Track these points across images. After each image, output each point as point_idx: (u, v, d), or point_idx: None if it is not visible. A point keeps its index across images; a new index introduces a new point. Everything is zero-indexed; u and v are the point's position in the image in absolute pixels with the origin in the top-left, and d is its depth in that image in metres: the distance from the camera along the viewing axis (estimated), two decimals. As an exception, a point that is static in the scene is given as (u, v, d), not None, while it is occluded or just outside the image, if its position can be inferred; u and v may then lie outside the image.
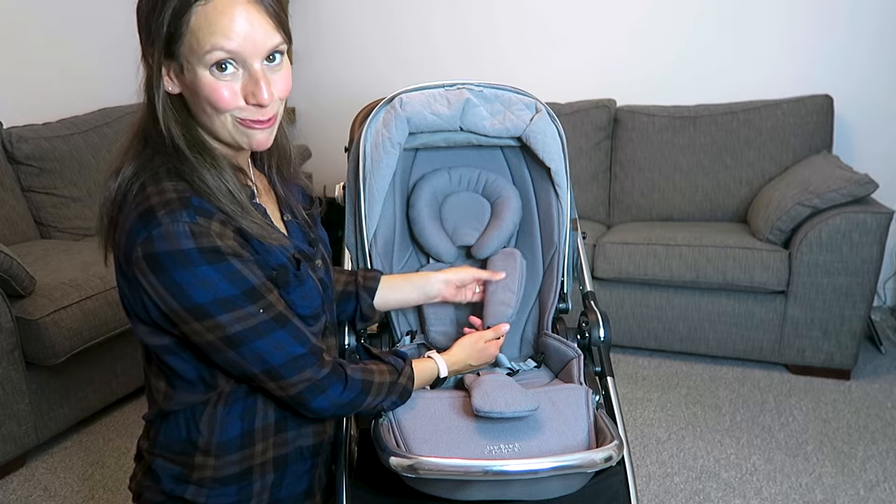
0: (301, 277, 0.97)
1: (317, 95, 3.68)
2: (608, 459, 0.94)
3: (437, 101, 1.38)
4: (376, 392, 1.02)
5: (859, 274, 2.31)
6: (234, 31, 0.83)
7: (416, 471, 0.92)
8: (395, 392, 1.05)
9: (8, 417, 1.97)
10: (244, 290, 0.87)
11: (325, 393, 0.96)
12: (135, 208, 0.87)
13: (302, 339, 0.94)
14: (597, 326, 1.30)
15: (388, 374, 1.05)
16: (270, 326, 0.90)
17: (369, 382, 1.01)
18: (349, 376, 0.98)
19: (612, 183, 3.07)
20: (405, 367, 1.08)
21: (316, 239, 1.10)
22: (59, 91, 2.96)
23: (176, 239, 0.83)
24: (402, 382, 1.06)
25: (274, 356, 0.91)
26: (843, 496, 1.83)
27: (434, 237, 1.46)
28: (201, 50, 0.83)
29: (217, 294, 0.85)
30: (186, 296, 0.85)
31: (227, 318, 0.87)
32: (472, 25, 3.40)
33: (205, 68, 0.85)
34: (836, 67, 2.87)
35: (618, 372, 2.53)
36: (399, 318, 1.41)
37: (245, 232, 0.91)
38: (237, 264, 0.87)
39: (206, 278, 0.85)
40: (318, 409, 0.96)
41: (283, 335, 0.92)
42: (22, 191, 2.69)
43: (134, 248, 0.85)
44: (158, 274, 0.85)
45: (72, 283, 2.12)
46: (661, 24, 3.08)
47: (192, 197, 0.87)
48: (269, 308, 0.90)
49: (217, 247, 0.85)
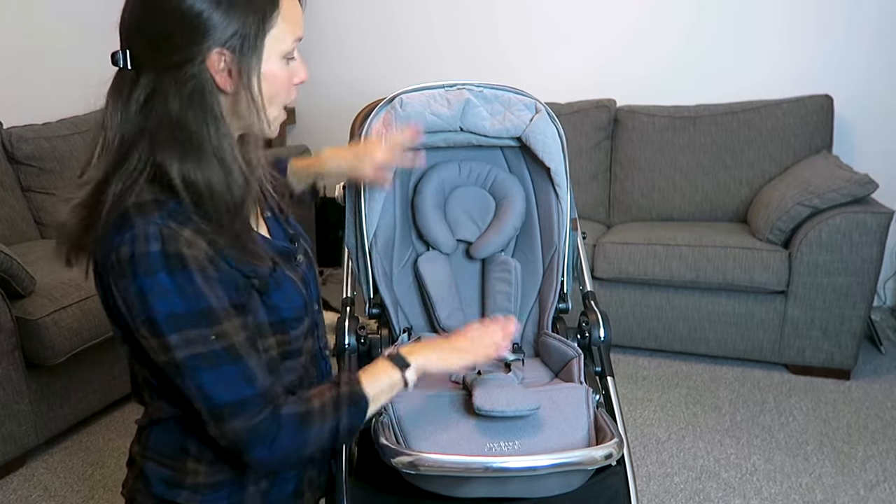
0: (278, 279, 0.94)
1: (317, 95, 3.68)
2: (608, 457, 0.94)
3: (437, 101, 1.38)
4: (321, 416, 0.89)
5: (859, 274, 2.31)
6: (301, 20, 0.91)
7: (416, 467, 0.92)
8: (344, 403, 0.91)
9: (8, 417, 1.97)
10: (200, 309, 0.81)
11: (264, 441, 0.85)
12: (110, 213, 0.83)
13: (252, 379, 0.85)
14: (597, 326, 1.31)
15: (328, 391, 0.92)
16: (220, 358, 0.82)
17: (307, 413, 0.88)
18: (283, 415, 0.86)
19: (612, 183, 3.07)
20: (343, 375, 0.95)
21: (296, 234, 1.08)
22: (59, 91, 2.96)
23: (145, 241, 0.80)
24: (344, 391, 0.92)
25: (218, 393, 0.83)
26: (843, 496, 1.83)
27: (435, 226, 1.46)
28: (287, 40, 0.88)
29: (172, 308, 0.80)
30: (147, 306, 0.80)
31: (176, 339, 0.81)
32: (472, 25, 3.40)
33: (282, 59, 0.88)
34: (836, 67, 2.88)
35: (618, 372, 2.53)
36: (398, 316, 1.42)
37: (217, 244, 0.85)
38: (198, 278, 0.81)
39: (164, 287, 0.80)
40: (258, 459, 0.86)
41: (233, 371, 0.83)
42: (22, 191, 2.69)
43: (109, 256, 0.82)
44: (126, 280, 0.81)
45: (72, 283, 2.12)
46: (660, 24, 3.09)
47: (170, 201, 0.84)
48: (224, 337, 0.83)
49: (182, 254, 0.81)
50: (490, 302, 1.42)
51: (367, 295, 1.40)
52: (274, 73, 0.88)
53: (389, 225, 1.44)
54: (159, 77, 0.83)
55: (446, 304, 1.40)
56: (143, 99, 0.84)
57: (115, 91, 0.86)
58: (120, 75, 0.86)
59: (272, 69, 0.87)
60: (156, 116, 0.83)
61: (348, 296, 1.41)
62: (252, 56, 0.84)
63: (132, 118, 0.84)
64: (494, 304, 1.41)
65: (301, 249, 1.06)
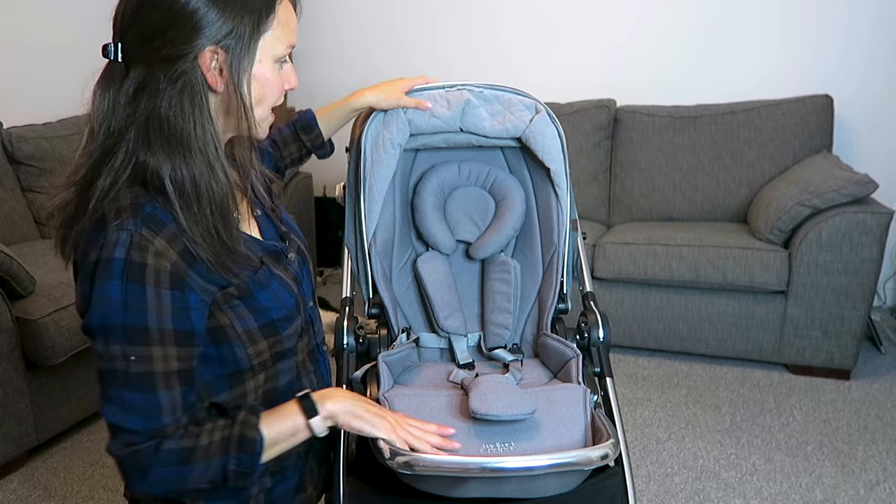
0: (261, 281, 0.93)
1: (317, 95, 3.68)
2: (604, 457, 0.94)
3: (437, 102, 1.38)
4: (205, 455, 0.85)
5: (859, 274, 2.31)
6: (295, 28, 0.92)
7: (412, 467, 0.92)
8: (233, 447, 0.87)
9: (8, 417, 1.97)
10: (133, 327, 0.80)
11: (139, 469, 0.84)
12: (91, 215, 0.83)
13: (151, 413, 0.83)
14: (596, 327, 1.30)
15: (221, 430, 0.88)
16: (130, 382, 0.81)
17: (191, 450, 0.85)
18: (163, 449, 0.84)
19: (612, 183, 3.07)
20: (241, 417, 0.89)
21: (287, 231, 1.07)
22: (59, 91, 2.97)
23: (112, 247, 0.80)
24: (235, 434, 0.87)
25: (113, 412, 0.83)
26: (843, 496, 1.83)
27: (434, 226, 1.46)
28: (281, 45, 0.88)
29: (107, 319, 0.80)
30: (90, 309, 0.81)
31: (101, 349, 0.81)
32: (472, 25, 3.40)
33: (274, 62, 0.89)
34: (836, 67, 2.87)
35: (618, 372, 2.53)
36: (398, 316, 1.41)
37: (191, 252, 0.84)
38: (150, 295, 0.80)
39: (110, 296, 0.79)
40: (134, 486, 0.85)
41: (137, 399, 0.82)
42: (22, 191, 2.69)
43: (81, 257, 0.83)
44: (85, 281, 0.82)
45: (72, 284, 2.10)
46: (660, 25, 3.09)
47: (146, 204, 0.83)
48: (144, 361, 0.81)
49: (145, 265, 0.80)
50: (489, 302, 1.42)
51: (367, 295, 1.40)
52: (265, 76, 0.88)
53: (389, 225, 1.44)
54: (150, 71, 0.83)
55: (446, 304, 1.40)
56: (132, 91, 0.84)
57: (104, 82, 0.86)
58: (110, 67, 0.86)
59: (264, 72, 0.88)
60: (144, 110, 0.83)
61: (347, 296, 1.41)
62: (244, 57, 0.85)
63: (120, 110, 0.84)
64: (493, 305, 1.41)
65: (294, 247, 1.06)
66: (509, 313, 1.39)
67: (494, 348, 1.36)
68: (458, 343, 1.37)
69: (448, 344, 1.39)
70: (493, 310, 1.40)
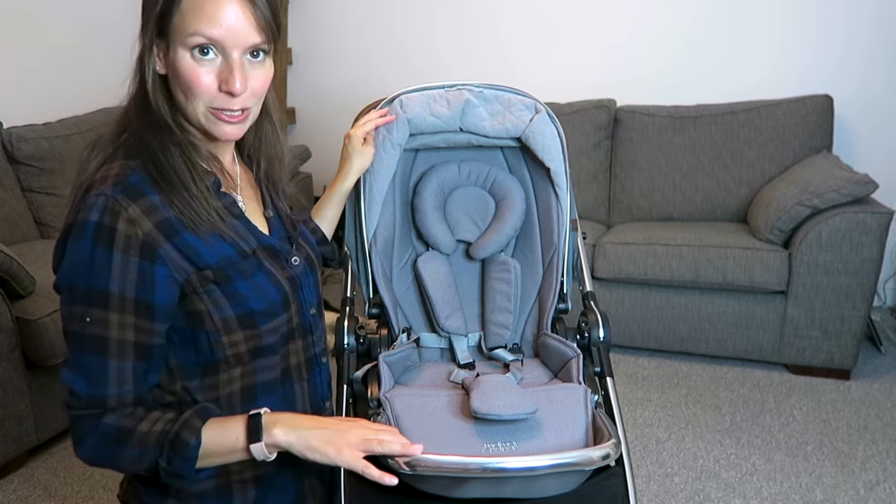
0: (243, 270, 0.92)
1: (317, 96, 3.68)
2: (606, 457, 0.94)
3: (436, 102, 1.38)
4: (140, 443, 0.85)
5: (859, 274, 2.31)
6: (219, 20, 0.85)
7: (413, 467, 0.92)
8: (167, 446, 0.85)
9: (8, 417, 1.97)
10: (94, 290, 0.82)
11: (78, 436, 0.86)
12: (83, 185, 0.87)
13: (98, 379, 0.84)
14: (596, 327, 1.30)
15: (163, 423, 0.86)
16: (83, 343, 0.84)
17: (126, 432, 0.85)
18: (102, 422, 0.85)
19: (612, 183, 3.07)
20: (186, 415, 0.87)
21: (296, 236, 1.07)
22: (59, 91, 2.97)
23: (88, 210, 0.83)
24: (173, 432, 0.85)
25: (67, 372, 0.86)
26: (843, 496, 1.83)
27: (434, 227, 1.46)
28: (186, 32, 0.85)
29: (73, 280, 0.83)
30: (61, 269, 0.85)
31: (65, 310, 0.85)
32: (472, 25, 3.40)
33: (186, 50, 0.86)
34: (836, 67, 2.87)
35: (618, 372, 2.53)
36: (398, 316, 1.42)
37: (173, 223, 0.86)
38: (116, 260, 0.82)
39: (79, 257, 0.82)
40: (77, 452, 0.87)
41: (88, 361, 0.84)
42: (22, 191, 2.69)
43: (66, 220, 0.86)
44: (60, 241, 0.85)
45: (72, 283, 2.12)
46: (660, 24, 3.09)
47: (131, 175, 0.86)
48: (99, 324, 0.83)
49: (115, 230, 0.82)
50: (489, 302, 1.42)
51: (367, 295, 1.40)
52: (177, 65, 0.87)
53: (389, 225, 1.44)
54: (145, 51, 0.90)
55: (446, 304, 1.40)
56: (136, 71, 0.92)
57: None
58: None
59: (177, 60, 0.87)
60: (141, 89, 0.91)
61: (348, 296, 1.41)
62: (163, 42, 0.88)
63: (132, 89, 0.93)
64: (494, 305, 1.41)
65: (302, 253, 1.06)
66: (509, 313, 1.39)
67: (495, 348, 1.36)
68: (459, 343, 1.37)
69: (448, 344, 1.39)
70: (494, 309, 1.40)
